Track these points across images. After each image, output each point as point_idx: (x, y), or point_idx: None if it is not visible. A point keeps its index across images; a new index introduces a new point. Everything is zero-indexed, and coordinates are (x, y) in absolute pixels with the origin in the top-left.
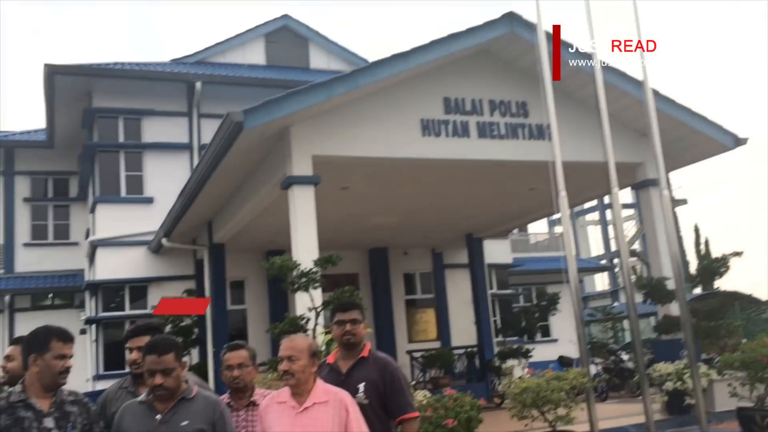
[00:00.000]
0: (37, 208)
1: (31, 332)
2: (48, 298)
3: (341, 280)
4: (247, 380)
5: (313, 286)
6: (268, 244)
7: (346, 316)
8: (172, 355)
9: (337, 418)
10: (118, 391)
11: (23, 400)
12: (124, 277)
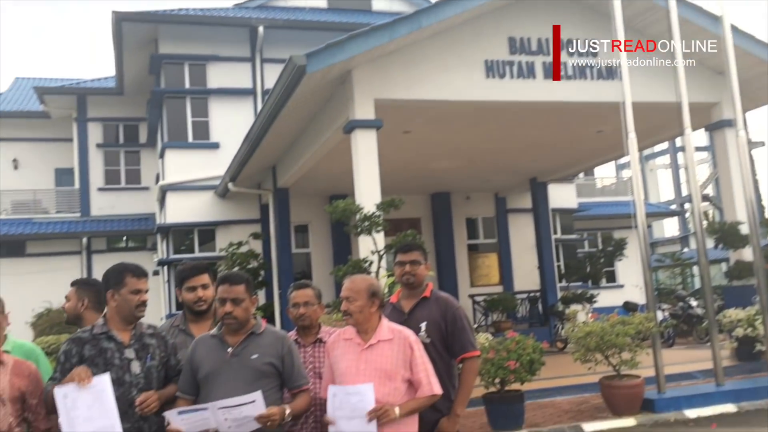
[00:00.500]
0: (110, 154)
1: (107, 269)
2: (122, 240)
3: (403, 224)
4: (312, 318)
5: (375, 230)
6: (331, 189)
7: (406, 257)
8: (243, 287)
9: (401, 355)
10: (171, 329)
11: (106, 332)
12: (192, 221)
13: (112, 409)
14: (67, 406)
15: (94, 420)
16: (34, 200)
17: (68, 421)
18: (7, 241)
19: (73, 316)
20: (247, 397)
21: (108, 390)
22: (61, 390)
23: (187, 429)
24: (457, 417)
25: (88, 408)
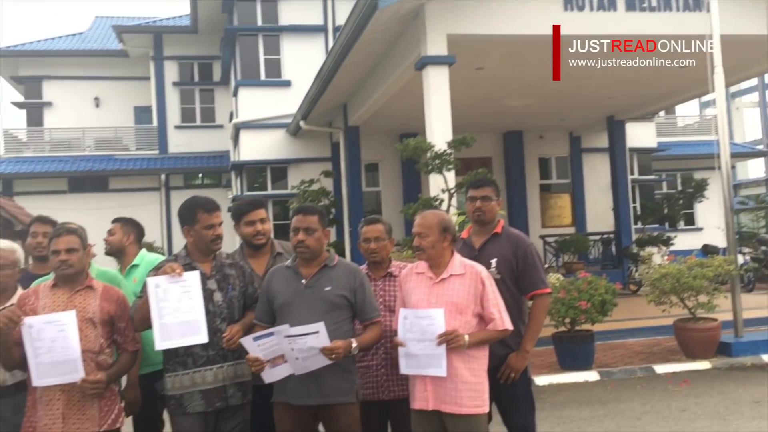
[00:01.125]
0: (185, 92)
1: (180, 206)
2: (198, 177)
3: (474, 163)
4: (383, 253)
5: (446, 168)
6: (401, 127)
7: (477, 193)
8: (316, 218)
9: (472, 290)
10: None
11: (189, 263)
12: (265, 159)
13: (199, 305)
14: (157, 295)
15: (182, 312)
16: (115, 137)
17: (157, 310)
18: (91, 177)
19: (117, 248)
20: (310, 327)
21: (197, 286)
22: (154, 280)
23: (264, 355)
24: (526, 353)
25: (177, 300)
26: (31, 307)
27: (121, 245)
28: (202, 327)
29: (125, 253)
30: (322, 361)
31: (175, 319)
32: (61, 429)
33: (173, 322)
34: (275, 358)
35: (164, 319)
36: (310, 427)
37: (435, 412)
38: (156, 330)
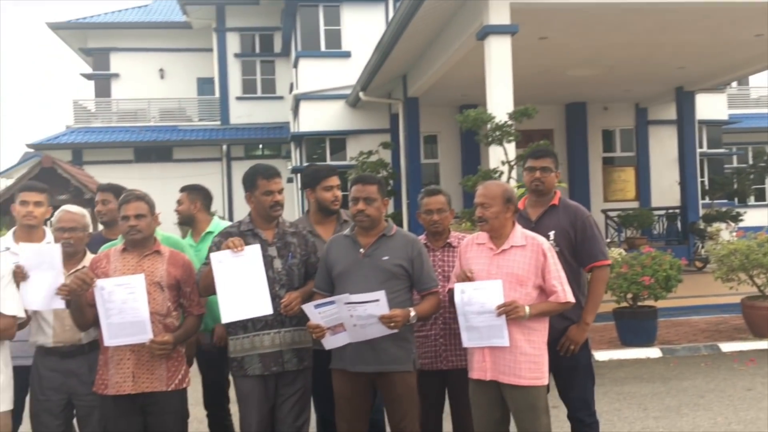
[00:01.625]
0: (247, 64)
1: (244, 174)
2: (258, 148)
3: (535, 135)
4: (444, 224)
5: (507, 140)
6: (461, 99)
7: (537, 163)
8: (375, 187)
9: (533, 261)
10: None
11: (251, 229)
12: (324, 130)
13: (262, 278)
14: (221, 270)
15: (245, 284)
16: (178, 108)
17: (222, 284)
18: (155, 147)
19: (187, 217)
20: (371, 294)
21: (258, 259)
22: (217, 256)
23: (324, 323)
24: (586, 326)
25: (240, 273)
26: (102, 270)
27: (190, 213)
28: (266, 299)
29: (196, 221)
30: (380, 330)
31: (239, 293)
32: (132, 387)
33: (238, 296)
34: (335, 326)
35: (229, 293)
36: (368, 394)
37: (493, 383)
38: (221, 304)
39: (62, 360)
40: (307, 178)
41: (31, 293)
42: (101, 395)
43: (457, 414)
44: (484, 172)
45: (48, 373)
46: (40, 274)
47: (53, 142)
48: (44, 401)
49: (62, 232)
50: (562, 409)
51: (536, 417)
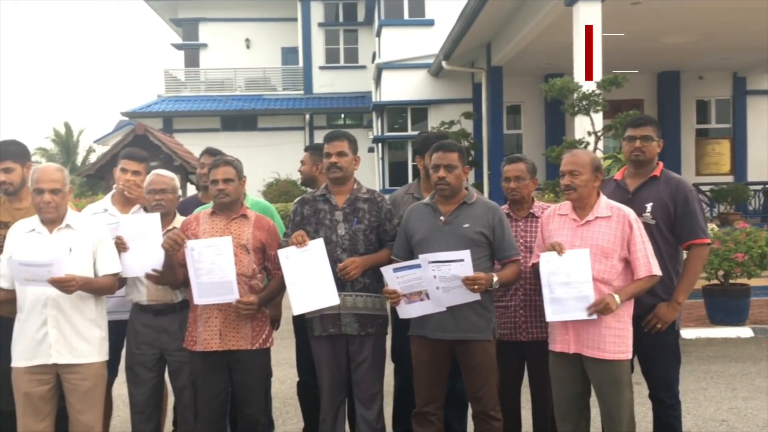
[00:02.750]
0: (330, 33)
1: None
2: (340, 117)
3: (624, 105)
4: (524, 192)
5: (594, 110)
6: (546, 68)
7: (637, 132)
8: (456, 155)
9: (619, 233)
10: (405, 195)
11: (324, 194)
12: (406, 99)
13: (327, 269)
14: (289, 265)
15: (312, 277)
16: (263, 78)
17: (290, 277)
18: (241, 116)
19: (308, 178)
20: (456, 253)
21: (322, 252)
22: (284, 252)
23: (401, 288)
24: (677, 305)
25: (306, 267)
26: (192, 231)
27: (312, 174)
28: (332, 290)
29: (318, 182)
30: (462, 295)
31: (307, 285)
32: (218, 344)
33: (306, 288)
34: (412, 294)
35: (298, 286)
36: (446, 361)
37: (575, 356)
38: (291, 297)
39: (155, 317)
40: (417, 144)
41: (130, 261)
42: (190, 351)
43: (535, 386)
44: (569, 142)
45: (142, 328)
46: (139, 243)
47: (145, 110)
48: (139, 355)
49: (153, 194)
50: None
51: (619, 392)
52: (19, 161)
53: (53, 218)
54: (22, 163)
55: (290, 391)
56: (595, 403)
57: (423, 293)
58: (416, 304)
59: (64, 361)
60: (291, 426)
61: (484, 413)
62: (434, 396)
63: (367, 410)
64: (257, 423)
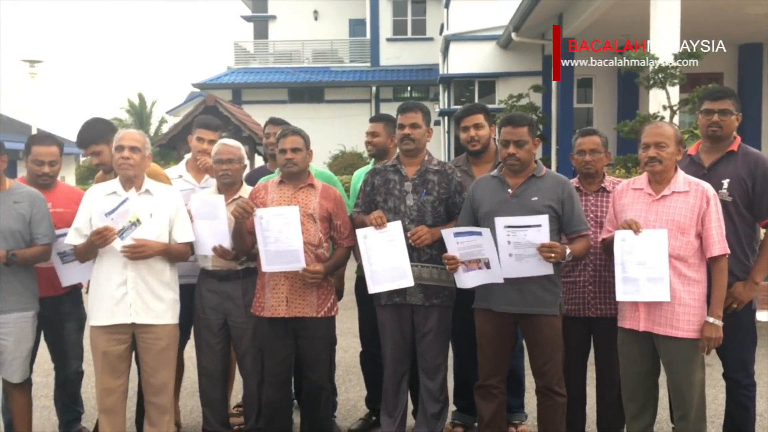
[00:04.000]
0: (398, 4)
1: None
2: (407, 90)
3: (702, 79)
4: (598, 166)
5: (670, 83)
6: (621, 39)
7: (715, 105)
8: (525, 129)
9: (696, 208)
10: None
11: (395, 165)
12: (474, 72)
13: (403, 251)
14: (366, 245)
15: (388, 258)
16: (330, 50)
17: (367, 257)
18: (308, 88)
19: (382, 150)
20: (534, 218)
21: (399, 234)
22: (362, 232)
23: (460, 254)
24: (755, 284)
25: (383, 248)
26: (261, 200)
27: (386, 146)
28: (407, 271)
29: (389, 155)
30: (534, 266)
31: (384, 265)
32: (285, 311)
33: (382, 268)
34: (470, 262)
35: (374, 266)
36: (510, 335)
37: (646, 334)
38: (368, 276)
39: (219, 283)
40: (455, 116)
41: (197, 238)
42: (258, 317)
43: (601, 363)
44: (643, 116)
45: (208, 293)
46: (206, 222)
47: (215, 82)
48: (204, 319)
49: (221, 164)
50: (716, 368)
51: (691, 371)
52: (102, 142)
53: (131, 176)
54: (106, 141)
55: (353, 360)
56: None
57: (482, 262)
58: (473, 273)
59: (142, 321)
60: (353, 393)
61: (547, 388)
62: (498, 369)
63: (431, 381)
64: (322, 388)
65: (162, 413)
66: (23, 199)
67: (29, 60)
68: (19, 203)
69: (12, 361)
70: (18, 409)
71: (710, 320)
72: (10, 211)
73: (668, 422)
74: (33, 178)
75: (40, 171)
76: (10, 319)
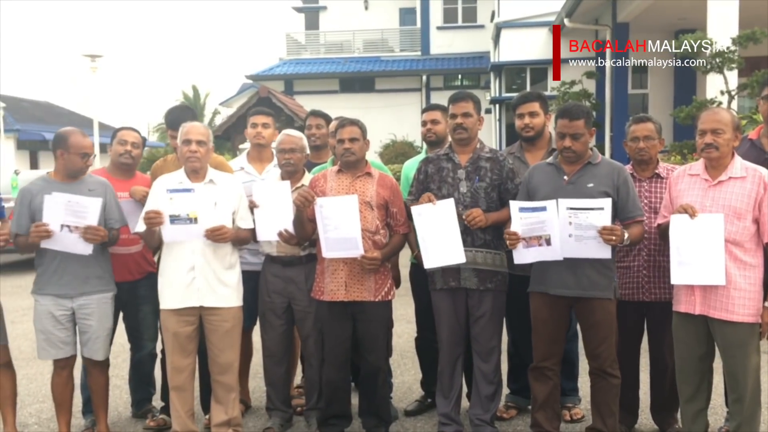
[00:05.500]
0: None
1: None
2: (457, 78)
3: (762, 62)
4: (652, 153)
5: (728, 67)
6: (677, 23)
7: None
8: (582, 122)
9: (753, 194)
10: (507, 156)
11: (448, 153)
12: (525, 59)
13: (455, 228)
14: (421, 222)
15: (441, 234)
16: (381, 39)
17: (422, 233)
18: (359, 78)
19: (442, 137)
20: (597, 201)
21: (451, 211)
22: (417, 209)
23: (522, 230)
24: None
25: (437, 224)
26: (320, 189)
27: (446, 134)
28: (459, 248)
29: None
30: (593, 248)
31: (437, 242)
32: (344, 295)
33: (436, 245)
34: (531, 238)
35: (429, 242)
36: (565, 318)
37: (701, 317)
38: (423, 251)
39: (284, 268)
40: (512, 104)
41: (263, 224)
42: (318, 300)
43: (655, 346)
44: (700, 102)
45: (272, 278)
46: (271, 208)
47: (268, 73)
48: (269, 303)
49: (283, 153)
50: None
51: (746, 355)
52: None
53: (197, 168)
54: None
55: (407, 345)
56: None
57: (543, 239)
58: (534, 249)
59: (209, 304)
60: (408, 377)
61: (601, 370)
62: (553, 351)
63: (485, 363)
64: (379, 369)
65: (228, 391)
66: (96, 187)
67: (90, 55)
68: (93, 191)
69: (96, 339)
70: (97, 387)
71: None
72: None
73: (723, 407)
74: (116, 158)
75: (122, 150)
76: (93, 300)
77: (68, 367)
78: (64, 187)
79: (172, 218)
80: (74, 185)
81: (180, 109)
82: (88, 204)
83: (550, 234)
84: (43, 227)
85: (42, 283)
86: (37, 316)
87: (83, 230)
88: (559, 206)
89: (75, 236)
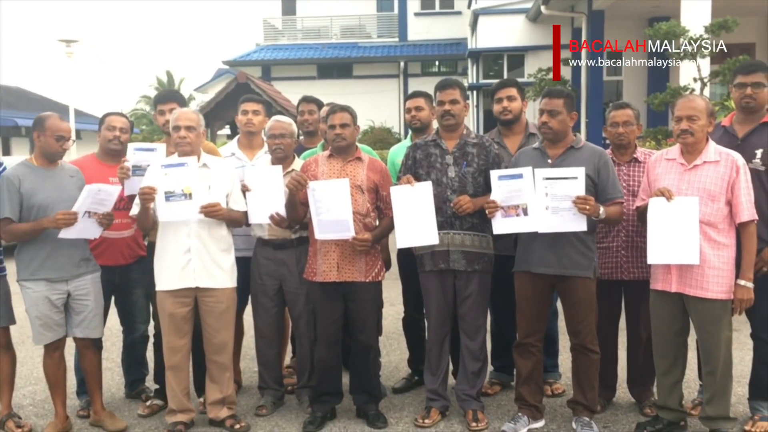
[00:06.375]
0: None
1: None
2: (435, 65)
3: (733, 50)
4: (631, 137)
5: (701, 55)
6: (652, 11)
7: (748, 79)
8: (561, 101)
9: (726, 177)
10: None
11: (435, 140)
12: (502, 46)
13: (431, 211)
14: (398, 202)
15: (417, 216)
16: (359, 25)
17: (398, 213)
18: (337, 64)
19: (427, 123)
20: (571, 170)
21: (428, 194)
22: (395, 189)
23: (501, 199)
24: None
25: (413, 206)
26: (312, 173)
27: (430, 120)
28: (433, 230)
29: (430, 129)
30: (569, 220)
31: (412, 222)
32: (336, 276)
33: (411, 225)
34: (509, 207)
35: (404, 222)
36: (547, 297)
37: (677, 295)
38: (397, 230)
39: (275, 251)
40: (490, 90)
41: (255, 207)
42: (310, 281)
43: (632, 321)
44: (673, 89)
45: (264, 261)
46: (263, 192)
47: (245, 59)
48: (261, 284)
49: (273, 139)
50: (743, 331)
51: (719, 330)
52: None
53: (188, 152)
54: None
55: (392, 327)
56: (690, 346)
57: (520, 208)
58: (512, 219)
59: (204, 285)
60: (394, 356)
61: (582, 346)
62: (536, 328)
63: (472, 341)
64: (370, 348)
65: (223, 371)
66: (75, 174)
67: (66, 40)
68: (73, 177)
69: (93, 318)
70: (91, 368)
71: (741, 283)
72: (70, 185)
73: (696, 381)
74: (105, 144)
75: (111, 135)
76: (87, 280)
77: (60, 349)
78: (47, 173)
79: (168, 195)
80: (56, 171)
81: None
82: (113, 192)
83: (527, 203)
84: (73, 215)
85: (34, 268)
86: (32, 302)
87: (101, 216)
88: (535, 177)
89: (92, 221)
